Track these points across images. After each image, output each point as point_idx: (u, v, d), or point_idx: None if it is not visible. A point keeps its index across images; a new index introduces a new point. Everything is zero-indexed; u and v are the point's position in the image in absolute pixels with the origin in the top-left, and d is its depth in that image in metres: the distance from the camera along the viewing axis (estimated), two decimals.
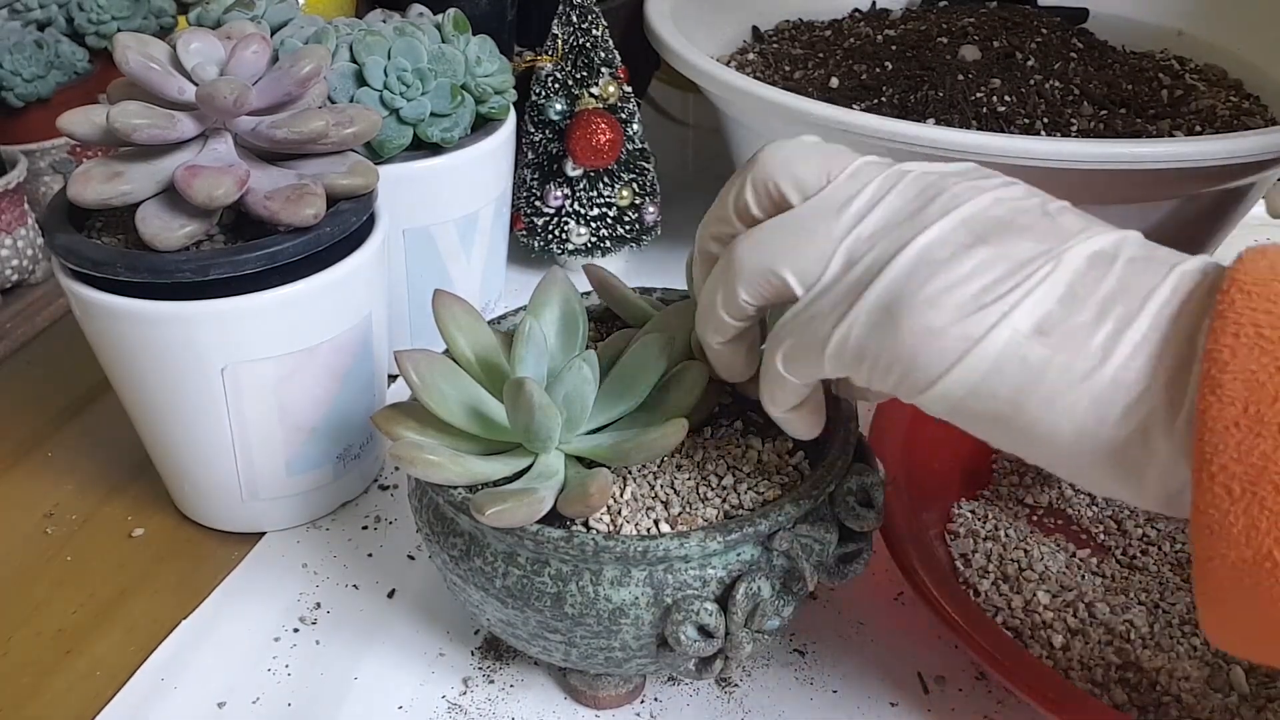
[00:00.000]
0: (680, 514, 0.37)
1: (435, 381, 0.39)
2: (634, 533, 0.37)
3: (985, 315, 0.28)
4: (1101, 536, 0.48)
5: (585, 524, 0.37)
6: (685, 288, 0.44)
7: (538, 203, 0.66)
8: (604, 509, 0.38)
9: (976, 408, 0.29)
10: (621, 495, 0.38)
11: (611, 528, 0.37)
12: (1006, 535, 0.48)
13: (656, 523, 0.37)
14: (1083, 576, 0.46)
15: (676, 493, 0.39)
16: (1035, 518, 0.50)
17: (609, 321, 0.46)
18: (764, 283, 0.33)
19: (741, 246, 0.33)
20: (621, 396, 0.40)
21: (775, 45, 0.81)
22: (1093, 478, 0.29)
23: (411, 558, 0.49)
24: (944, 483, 0.50)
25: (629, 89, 0.66)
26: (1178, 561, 0.47)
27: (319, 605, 0.47)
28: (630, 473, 0.39)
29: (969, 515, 0.49)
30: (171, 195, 0.43)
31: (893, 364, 0.30)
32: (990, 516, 0.49)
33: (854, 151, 0.34)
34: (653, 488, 0.39)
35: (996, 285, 0.29)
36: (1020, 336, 0.28)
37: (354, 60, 0.52)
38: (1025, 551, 0.47)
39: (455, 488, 0.37)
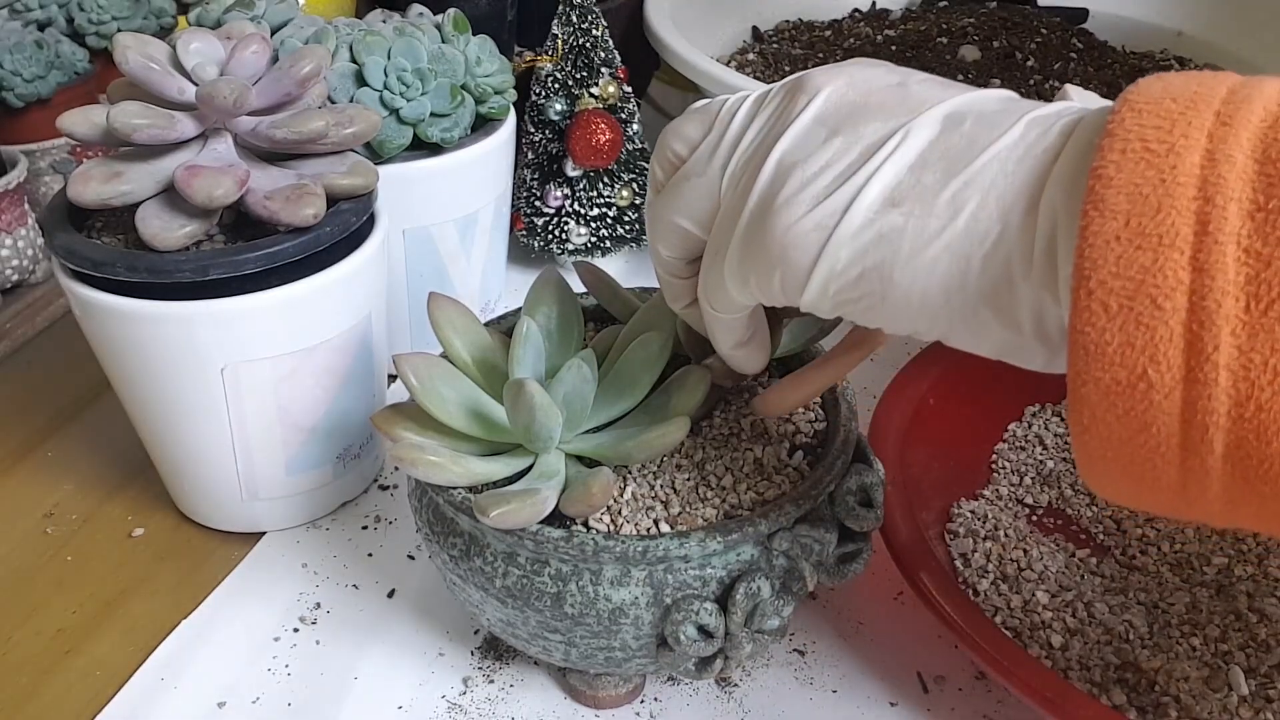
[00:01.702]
0: (680, 514, 0.38)
1: (434, 384, 0.39)
2: (634, 532, 0.37)
3: (836, 200, 0.29)
4: (1100, 536, 0.48)
5: (585, 524, 0.37)
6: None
7: (538, 203, 0.66)
8: (604, 509, 0.38)
9: (853, 294, 0.29)
10: (621, 495, 0.38)
11: (611, 527, 0.37)
12: (1006, 535, 0.48)
13: (656, 522, 0.37)
14: (1082, 576, 0.46)
15: (676, 492, 0.39)
16: (1035, 517, 0.50)
17: (605, 321, 0.46)
18: (671, 235, 0.35)
19: (651, 208, 0.35)
20: (620, 395, 0.40)
21: (775, 45, 0.81)
22: (983, 339, 0.29)
23: (411, 558, 0.49)
24: (943, 482, 0.50)
25: (629, 89, 0.66)
26: (1177, 562, 0.47)
27: (319, 605, 0.47)
28: (630, 472, 0.39)
29: (969, 515, 0.49)
30: (171, 195, 0.43)
31: (770, 271, 0.30)
32: (990, 516, 0.49)
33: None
34: (652, 487, 0.39)
35: (848, 170, 0.29)
36: (872, 212, 0.28)
37: (354, 60, 0.52)
38: (1024, 551, 0.47)
39: (456, 488, 0.37)
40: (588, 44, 0.64)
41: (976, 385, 0.52)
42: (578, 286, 0.45)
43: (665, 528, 0.37)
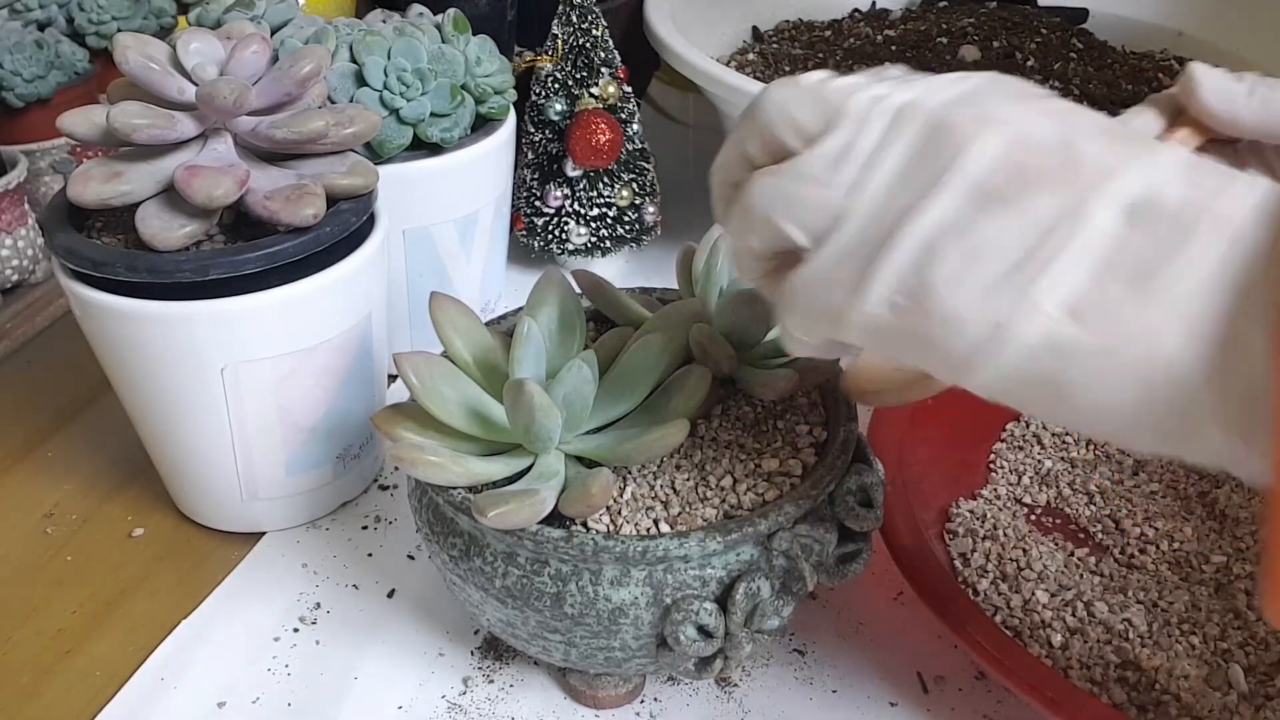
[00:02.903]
0: (680, 514, 0.38)
1: (434, 384, 0.39)
2: (633, 533, 0.37)
3: (1009, 296, 0.27)
4: (1099, 535, 0.48)
5: (584, 524, 0.37)
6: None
7: (538, 203, 0.66)
8: (603, 509, 0.38)
9: (1018, 392, 0.28)
10: (621, 495, 0.38)
11: (611, 528, 0.37)
12: (1005, 535, 0.48)
13: (656, 523, 0.37)
14: (1081, 575, 0.46)
15: (676, 492, 0.39)
16: (1033, 517, 0.50)
17: (608, 323, 0.46)
18: (771, 232, 0.31)
19: (750, 194, 0.32)
20: (621, 397, 0.40)
21: (775, 45, 0.81)
22: (1152, 448, 0.27)
23: (411, 558, 0.49)
24: (942, 482, 0.50)
25: (629, 89, 0.66)
26: (1175, 560, 0.47)
27: (319, 605, 0.47)
28: (630, 473, 0.39)
29: (968, 515, 0.49)
30: (171, 195, 0.43)
31: (923, 349, 0.28)
32: (989, 516, 0.49)
33: (855, 84, 0.31)
34: (652, 488, 0.39)
35: (1020, 258, 0.27)
36: (1050, 321, 0.26)
37: (354, 60, 0.53)
38: (1024, 550, 0.47)
39: (455, 488, 0.37)
40: (588, 44, 0.64)
41: None
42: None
43: (665, 528, 0.37)
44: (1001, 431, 0.54)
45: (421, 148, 0.54)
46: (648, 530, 0.37)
